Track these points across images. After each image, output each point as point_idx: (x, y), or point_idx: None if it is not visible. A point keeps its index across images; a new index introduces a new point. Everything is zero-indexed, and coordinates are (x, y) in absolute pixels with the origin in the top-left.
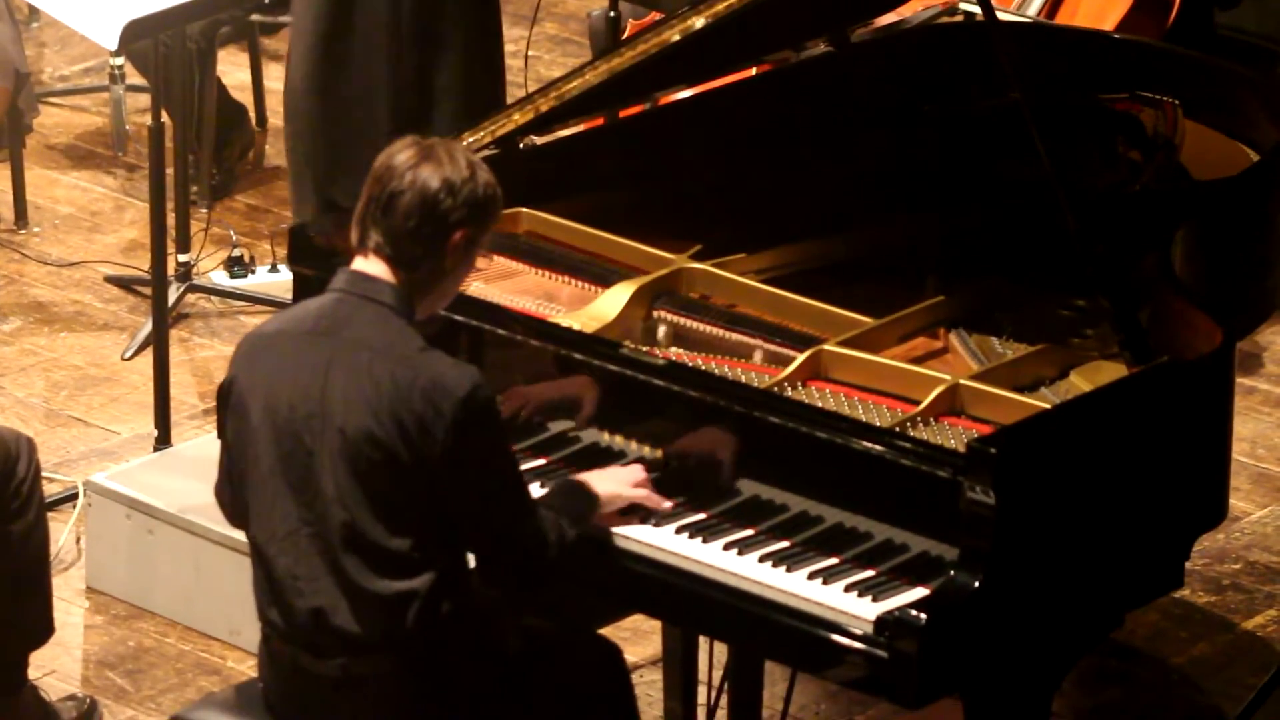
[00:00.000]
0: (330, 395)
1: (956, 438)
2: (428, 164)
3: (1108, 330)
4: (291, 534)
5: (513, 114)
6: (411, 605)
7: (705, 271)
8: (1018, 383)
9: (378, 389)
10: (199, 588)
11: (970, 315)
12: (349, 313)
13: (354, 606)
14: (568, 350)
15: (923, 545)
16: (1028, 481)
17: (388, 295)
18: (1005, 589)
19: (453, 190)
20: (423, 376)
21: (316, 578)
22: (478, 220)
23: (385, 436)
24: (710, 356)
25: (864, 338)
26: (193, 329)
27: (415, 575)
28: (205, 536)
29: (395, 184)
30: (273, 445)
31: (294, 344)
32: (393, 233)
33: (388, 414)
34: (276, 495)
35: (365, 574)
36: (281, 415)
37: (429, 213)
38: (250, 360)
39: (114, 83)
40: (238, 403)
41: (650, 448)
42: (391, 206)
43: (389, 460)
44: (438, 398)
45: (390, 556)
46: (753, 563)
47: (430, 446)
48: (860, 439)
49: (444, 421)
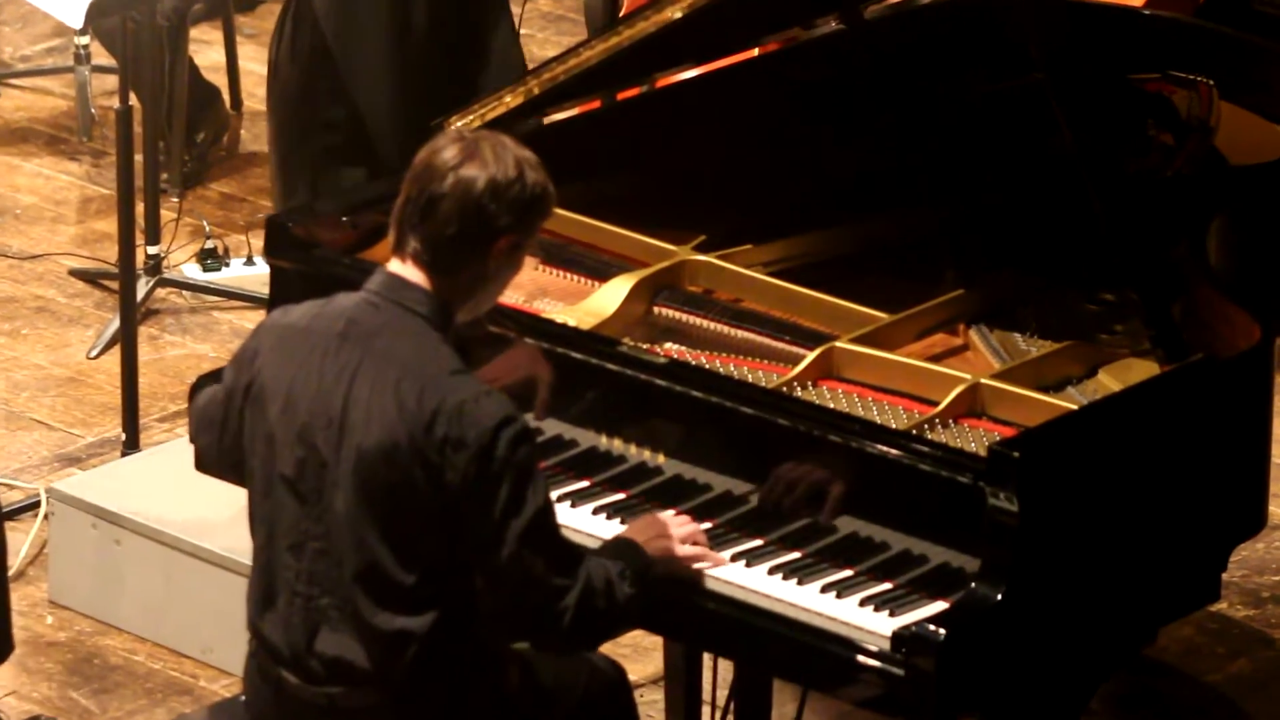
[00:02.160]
0: (352, 407)
1: (977, 441)
2: (472, 164)
3: (1138, 326)
4: (297, 545)
5: (504, 96)
6: (409, 645)
7: (709, 264)
8: (1042, 382)
9: (401, 409)
10: (170, 602)
11: (992, 310)
12: (382, 321)
13: (350, 635)
14: (562, 348)
15: (942, 556)
16: (1053, 487)
17: (424, 305)
18: (1029, 602)
19: (498, 194)
20: (450, 400)
21: (317, 595)
22: (524, 224)
23: (403, 460)
24: (714, 355)
25: (878, 334)
26: (163, 326)
27: (419, 613)
28: (176, 547)
29: (436, 186)
30: (286, 448)
31: (322, 345)
32: (431, 240)
33: (408, 436)
34: (286, 502)
35: (367, 603)
36: (299, 419)
37: (471, 219)
38: (278, 351)
39: (79, 63)
40: (259, 393)
41: (650, 452)
42: (431, 211)
43: (405, 485)
44: (464, 425)
45: (395, 588)
46: (762, 575)
47: (450, 476)
48: (875, 442)
49: (467, 451)
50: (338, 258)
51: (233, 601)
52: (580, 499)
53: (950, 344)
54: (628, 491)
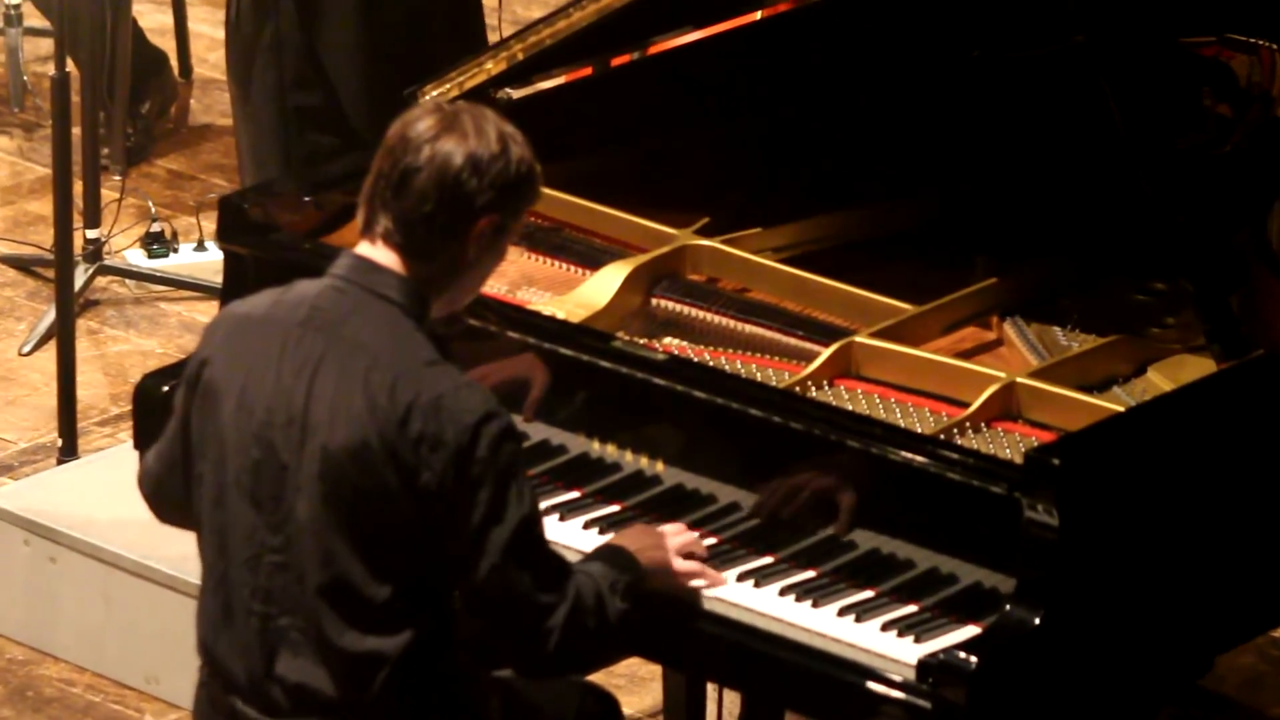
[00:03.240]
0: (315, 403)
1: (1013, 446)
2: (450, 136)
3: (1192, 318)
4: (253, 559)
5: (484, 62)
6: (380, 669)
7: (713, 249)
8: (1085, 381)
9: (371, 403)
10: (110, 626)
11: (1029, 301)
12: (349, 308)
13: (314, 658)
14: (550, 344)
15: (973, 575)
16: (1097, 498)
17: (396, 290)
18: (1070, 626)
19: (479, 169)
20: (426, 394)
21: (276, 615)
22: (508, 205)
23: (374, 460)
24: (719, 351)
25: (902, 328)
26: (104, 319)
27: (391, 633)
28: (118, 565)
29: (410, 159)
30: (240, 450)
31: (280, 336)
32: (405, 218)
33: (379, 434)
34: (240, 511)
35: (333, 621)
36: (256, 418)
37: (449, 196)
38: (230, 344)
39: (9, 25)
40: (209, 391)
41: (648, 459)
42: (405, 186)
43: (376, 489)
44: (441, 421)
45: (365, 605)
46: (772, 596)
47: (426, 478)
48: (898, 448)
49: (445, 451)
50: (299, 242)
51: (181, 625)
52: (570, 512)
53: (982, 339)
54: (623, 504)
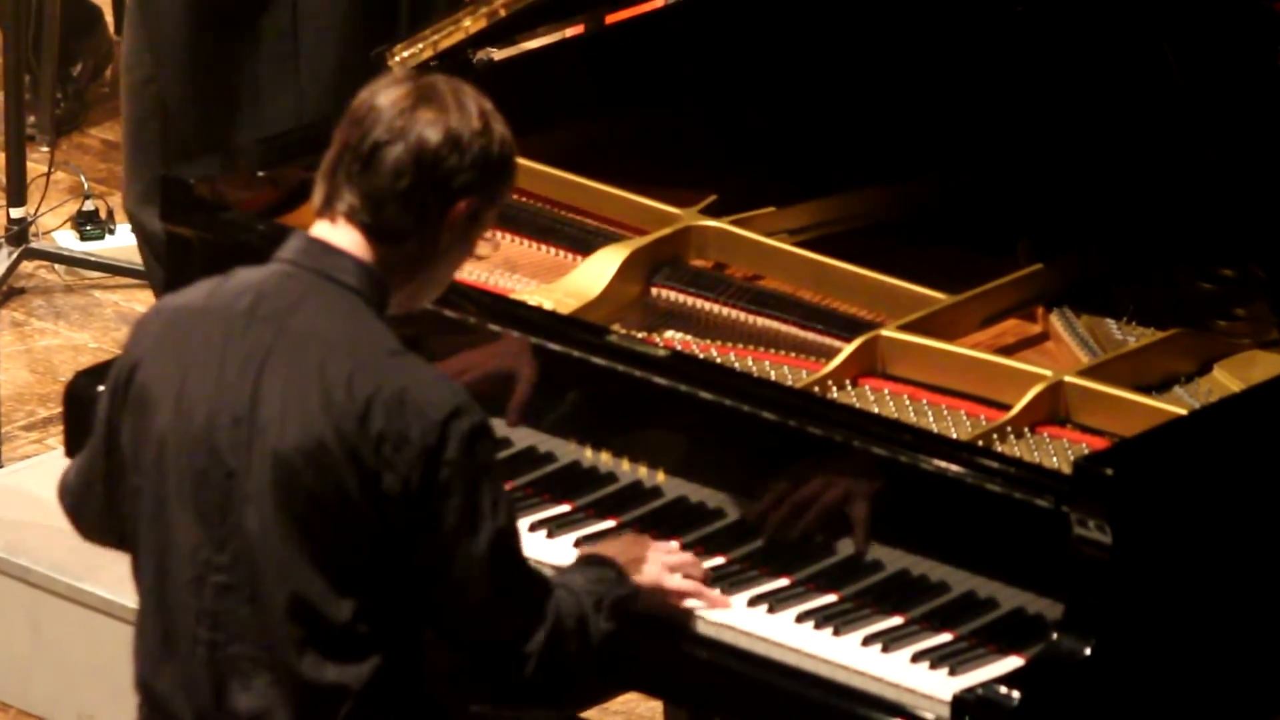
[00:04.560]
0: (264, 401)
1: (1060, 454)
2: (427, 108)
3: (1264, 310)
4: (197, 579)
5: (462, 20)
6: (343, 703)
7: (720, 231)
8: (1142, 380)
9: (327, 398)
10: (38, 657)
11: (1078, 290)
12: (300, 294)
13: (270, 688)
14: (537, 338)
15: (1015, 600)
16: (1155, 513)
17: (354, 275)
18: (1124, 658)
19: (459, 145)
20: (388, 387)
21: (224, 642)
22: (487, 187)
23: (331, 462)
24: (727, 346)
25: (935, 320)
26: (30, 309)
27: (355, 660)
28: (47, 589)
29: (381, 131)
30: (181, 457)
31: (221, 328)
32: (375, 194)
33: (336, 432)
34: (181, 526)
35: (291, 646)
36: (197, 422)
37: (428, 172)
38: (162, 341)
39: None
40: (142, 397)
41: (647, 468)
42: (375, 160)
43: (334, 495)
44: (407, 417)
45: (327, 627)
46: (788, 623)
47: (389, 481)
48: (930, 456)
49: (410, 450)
50: (253, 223)
51: (118, 656)
52: (559, 528)
53: (1026, 332)
54: (618, 518)
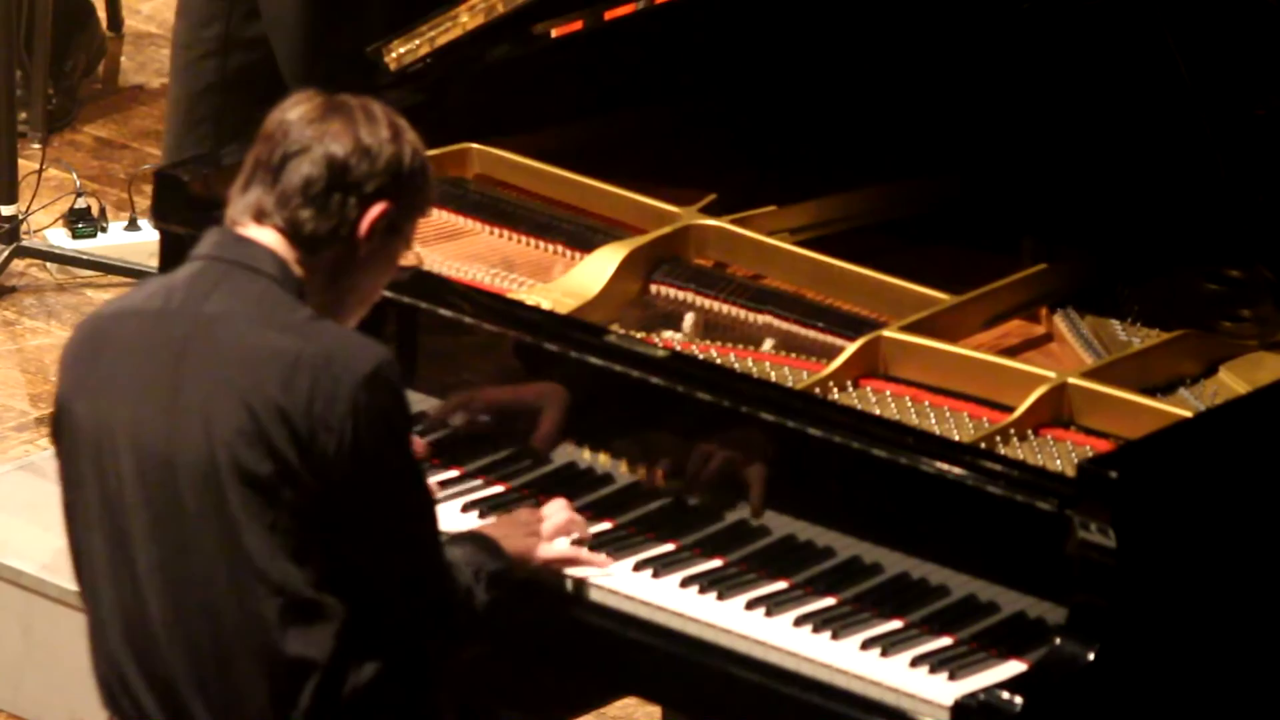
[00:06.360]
0: (187, 391)
1: (1064, 456)
2: (335, 119)
3: (1270, 311)
4: (153, 569)
5: (459, 15)
6: (308, 679)
7: (721, 230)
8: (1147, 382)
9: (252, 369)
10: (29, 660)
11: (1082, 290)
12: (213, 282)
13: (232, 670)
14: (534, 337)
15: (1017, 603)
16: (1160, 516)
17: (269, 263)
18: (1129, 663)
19: (369, 153)
20: (311, 348)
21: (191, 633)
22: (402, 196)
23: (264, 432)
24: (727, 346)
25: (938, 321)
26: (22, 308)
27: (319, 629)
28: (38, 592)
29: (291, 143)
30: (116, 462)
31: (139, 328)
32: (286, 198)
33: (263, 400)
34: (132, 521)
35: (251, 624)
36: (123, 427)
37: (338, 178)
38: (80, 358)
39: None
40: (67, 419)
41: (646, 470)
42: (286, 170)
43: (273, 465)
44: (334, 374)
45: (289, 600)
46: (786, 627)
47: (324, 442)
48: (933, 458)
49: (340, 407)
50: None
51: None
52: None
53: (1029, 333)
54: (615, 520)
